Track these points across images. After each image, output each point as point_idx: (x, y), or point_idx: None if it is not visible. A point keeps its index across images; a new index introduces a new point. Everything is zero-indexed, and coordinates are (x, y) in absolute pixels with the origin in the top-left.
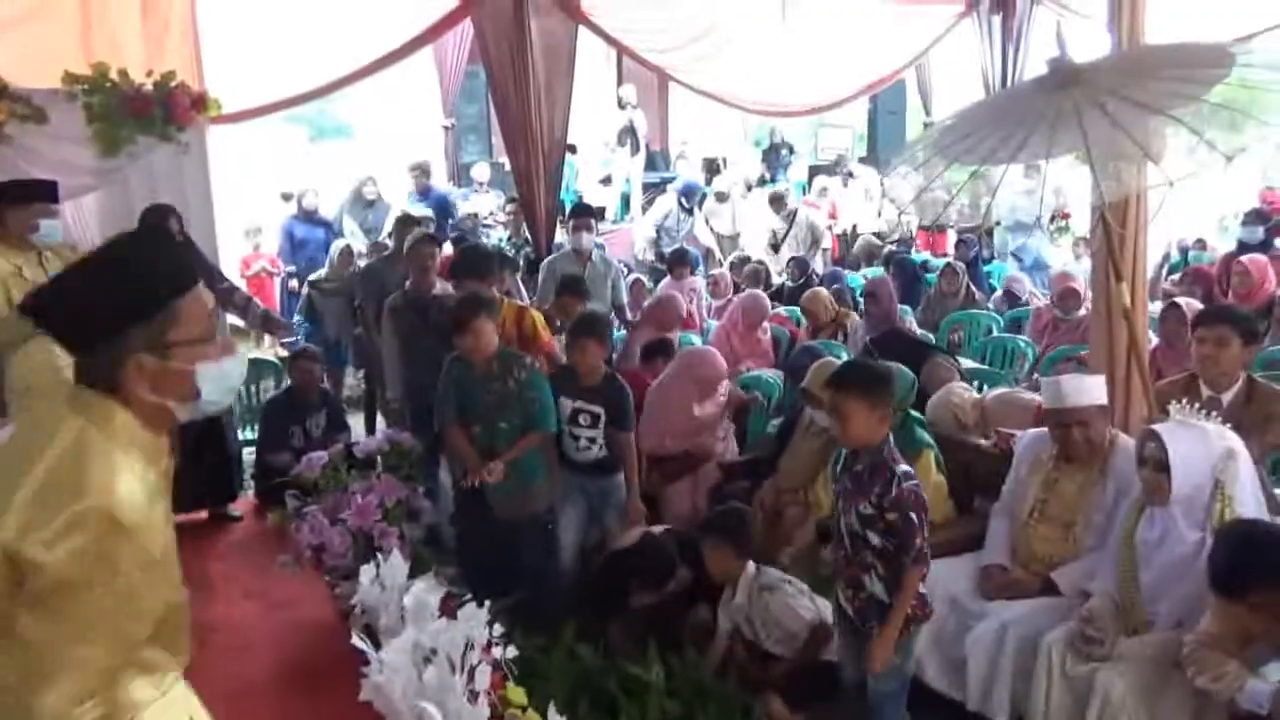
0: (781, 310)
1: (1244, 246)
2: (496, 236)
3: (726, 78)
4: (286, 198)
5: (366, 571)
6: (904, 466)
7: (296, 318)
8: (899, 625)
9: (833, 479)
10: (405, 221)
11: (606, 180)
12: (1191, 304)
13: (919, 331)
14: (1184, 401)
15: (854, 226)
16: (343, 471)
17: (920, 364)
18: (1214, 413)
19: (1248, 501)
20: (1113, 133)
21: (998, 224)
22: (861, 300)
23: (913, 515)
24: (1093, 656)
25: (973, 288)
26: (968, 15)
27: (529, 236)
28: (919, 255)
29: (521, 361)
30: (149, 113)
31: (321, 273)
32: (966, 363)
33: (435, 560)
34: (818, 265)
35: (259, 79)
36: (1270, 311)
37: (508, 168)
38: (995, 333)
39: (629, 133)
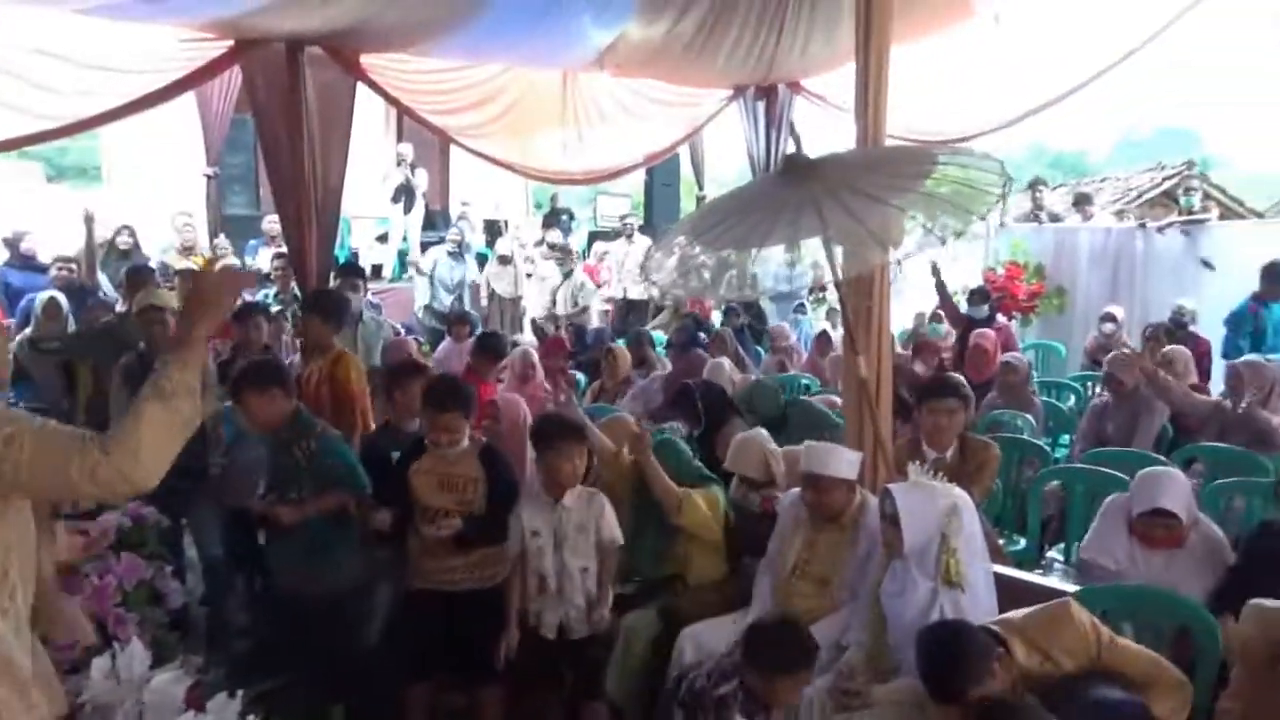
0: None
1: (972, 321)
2: (263, 293)
3: (507, 144)
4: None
5: (99, 664)
6: None
7: None
8: None
9: None
10: (136, 274)
11: (383, 238)
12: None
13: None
14: (916, 462)
15: (625, 290)
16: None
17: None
18: (939, 472)
19: (973, 553)
20: (847, 219)
21: (762, 294)
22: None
23: None
24: (851, 706)
25: (742, 353)
26: (735, 100)
27: (297, 293)
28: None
29: (312, 430)
30: None
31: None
32: None
33: (183, 647)
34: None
35: None
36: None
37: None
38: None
39: (406, 190)
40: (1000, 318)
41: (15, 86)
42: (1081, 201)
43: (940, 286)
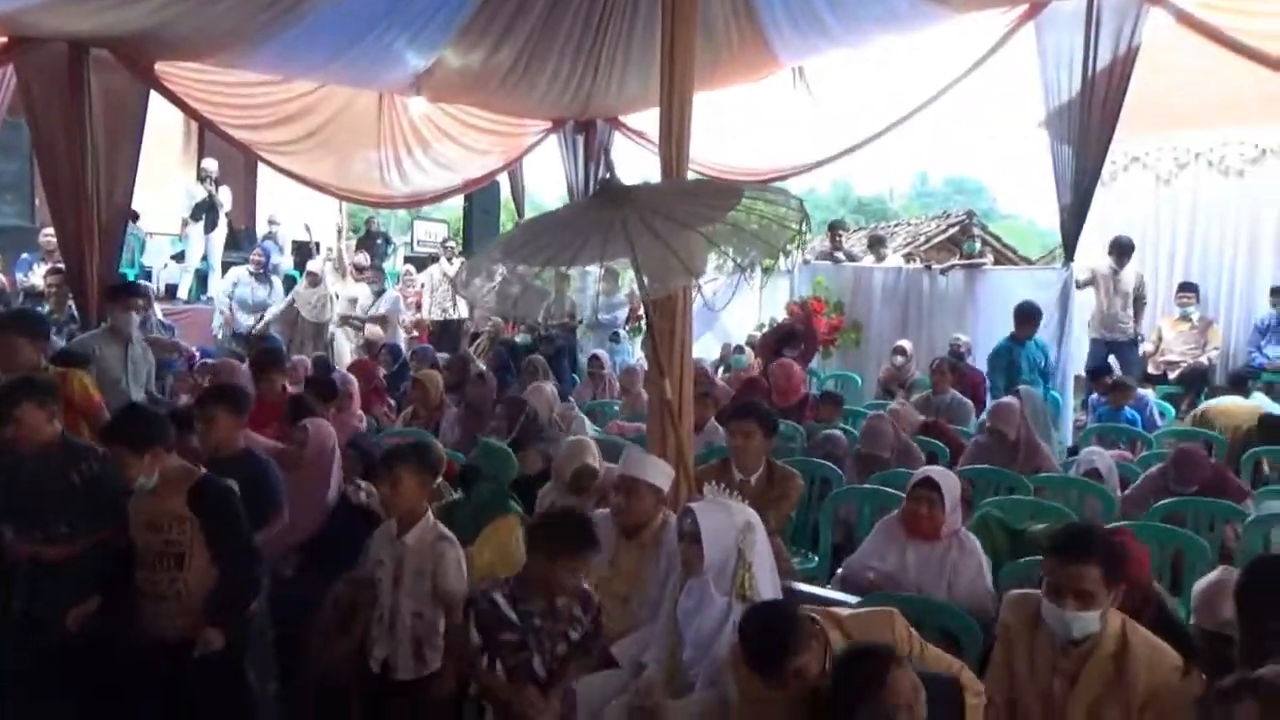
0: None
1: (780, 355)
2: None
3: (318, 163)
4: None
5: None
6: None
7: None
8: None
9: None
10: None
11: (180, 257)
12: None
13: None
14: (715, 483)
15: (444, 312)
16: None
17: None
18: (737, 494)
19: (764, 568)
20: (654, 242)
21: (580, 323)
22: None
23: None
24: None
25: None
26: (555, 131)
27: (75, 313)
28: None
29: (90, 452)
30: None
31: None
32: None
33: None
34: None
35: None
36: (803, 407)
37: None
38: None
39: (208, 208)
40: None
41: None
42: (876, 244)
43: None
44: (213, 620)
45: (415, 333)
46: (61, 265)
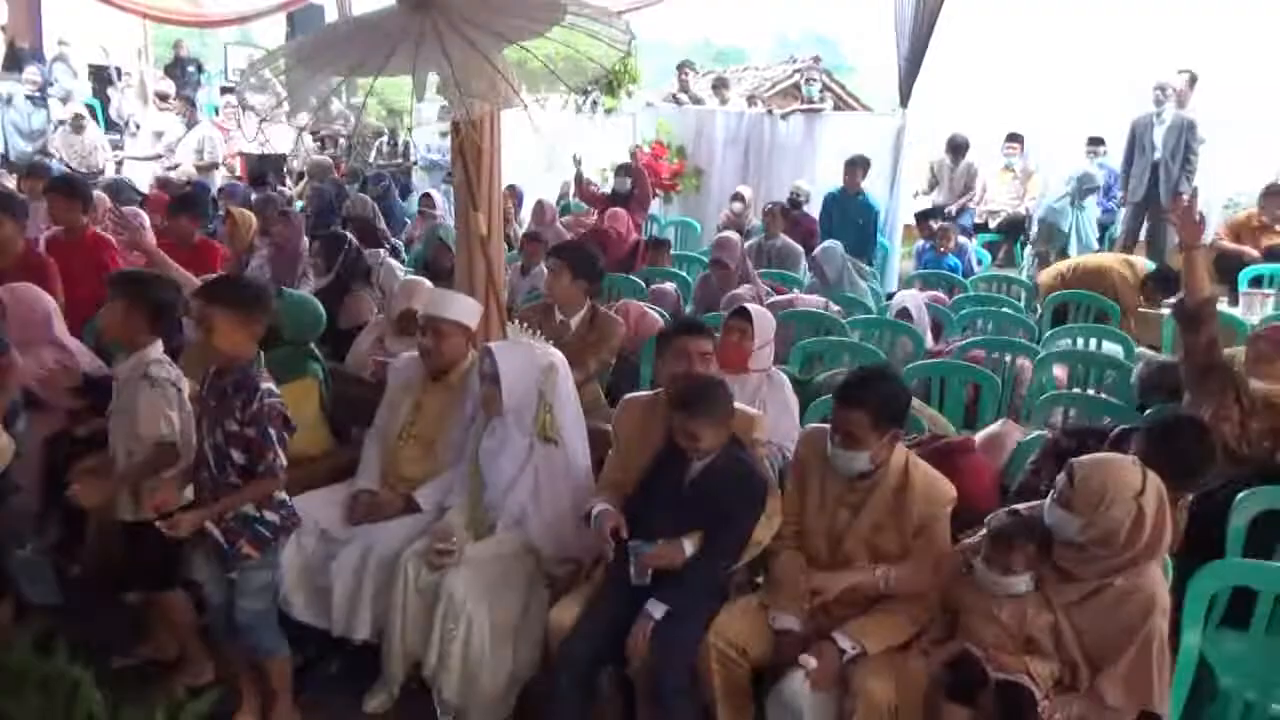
0: None
1: (616, 195)
2: None
3: None
4: None
5: None
6: (268, 384)
7: None
8: (230, 506)
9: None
10: None
11: None
12: None
13: None
14: (523, 324)
15: (262, 145)
16: None
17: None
18: (540, 335)
19: (566, 409)
20: (470, 55)
21: (415, 164)
22: None
23: (270, 431)
24: (443, 566)
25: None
26: None
27: None
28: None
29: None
30: None
31: None
32: None
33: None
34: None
35: None
36: (635, 255)
37: None
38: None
39: None
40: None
41: None
42: (719, 86)
43: (578, 175)
44: None
45: (235, 171)
46: None
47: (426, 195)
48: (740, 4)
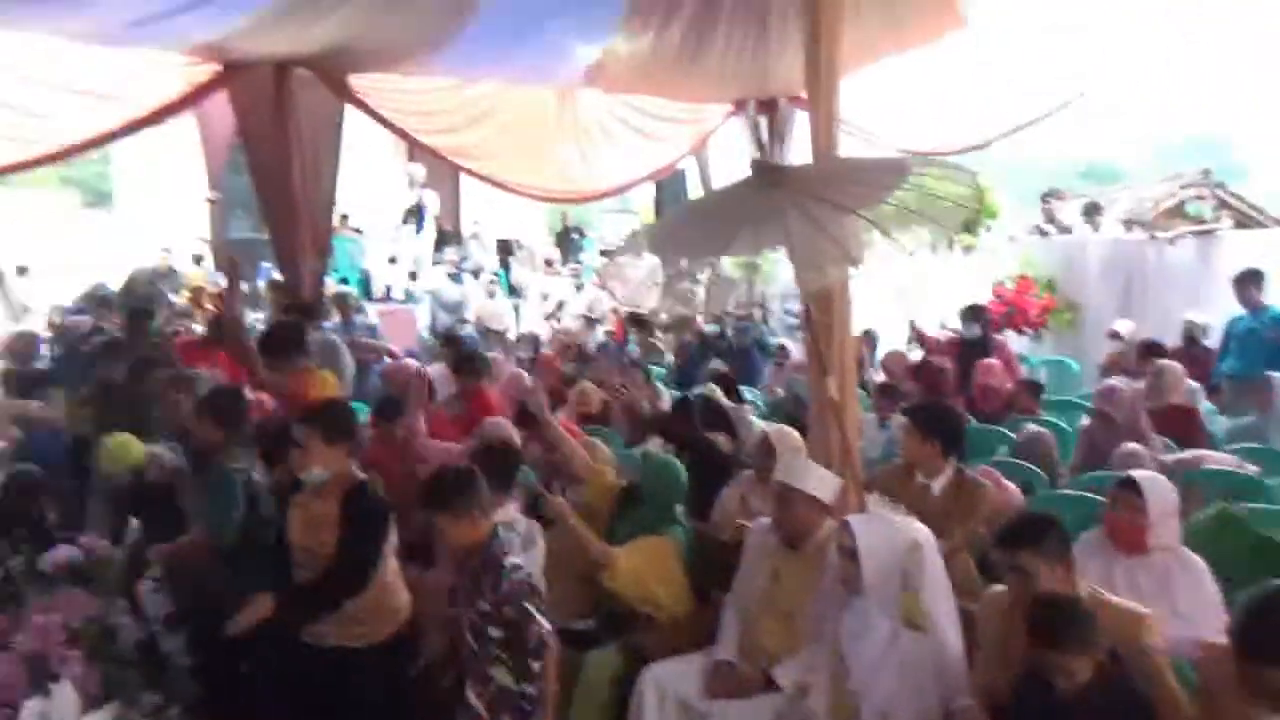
0: None
1: (965, 341)
2: (253, 318)
3: (505, 163)
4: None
5: (32, 707)
6: (512, 559)
7: None
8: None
9: None
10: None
11: (394, 260)
12: None
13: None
14: (880, 494)
15: (635, 305)
16: (22, 586)
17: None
18: (901, 506)
19: (938, 592)
20: (813, 230)
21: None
22: None
23: (527, 605)
24: None
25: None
26: (737, 114)
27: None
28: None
29: None
30: None
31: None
32: None
33: (142, 684)
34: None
35: None
36: (1011, 408)
37: None
38: None
39: (416, 212)
40: (1006, 334)
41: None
42: (1091, 211)
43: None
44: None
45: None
46: (278, 277)
47: (782, 346)
48: (1111, 114)
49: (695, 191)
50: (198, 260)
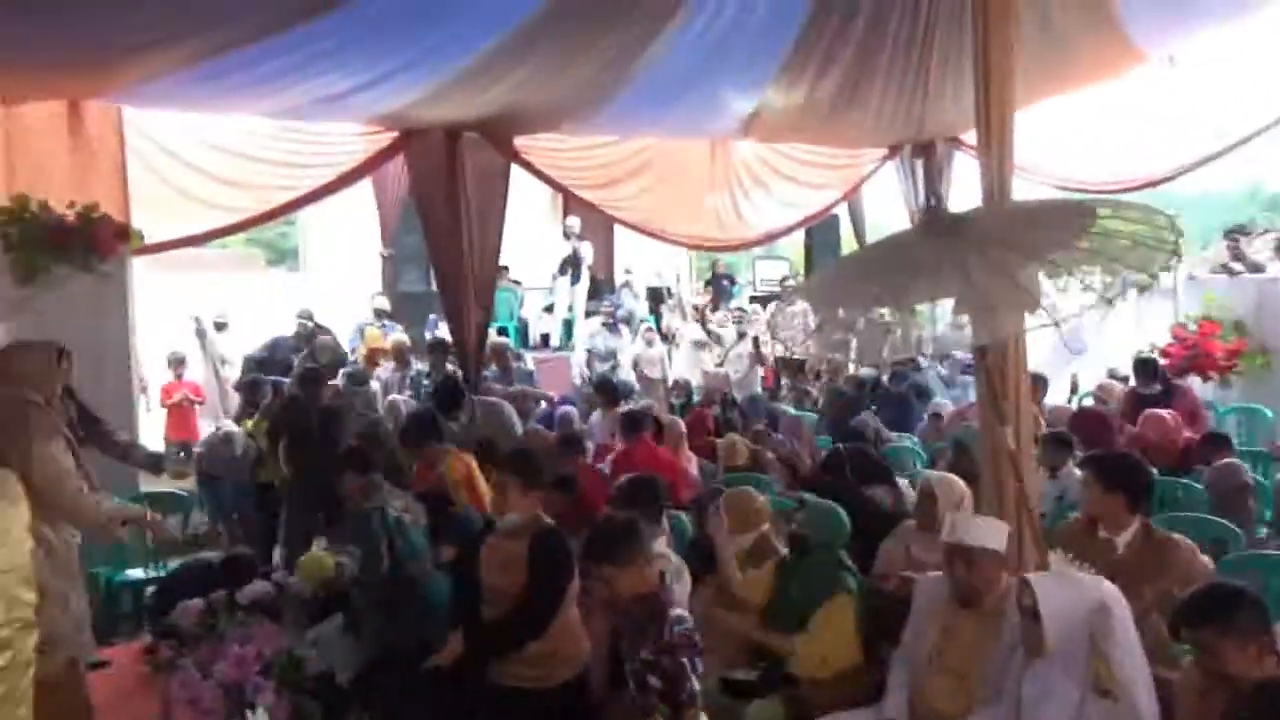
0: None
1: (1142, 398)
2: (415, 369)
3: (660, 213)
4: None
5: None
6: (677, 610)
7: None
8: None
9: None
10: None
11: (550, 308)
12: None
13: None
14: (1063, 551)
15: (789, 351)
16: (223, 619)
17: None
18: (1086, 564)
19: (1129, 657)
20: (999, 279)
21: (924, 356)
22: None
23: (684, 660)
24: None
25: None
26: (892, 159)
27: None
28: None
29: None
30: (70, 243)
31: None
32: None
33: (324, 714)
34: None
35: (188, 208)
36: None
37: None
38: None
39: (572, 262)
40: (1192, 378)
41: (202, 182)
42: None
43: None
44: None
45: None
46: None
47: (936, 415)
48: None
49: (847, 236)
50: (379, 315)
